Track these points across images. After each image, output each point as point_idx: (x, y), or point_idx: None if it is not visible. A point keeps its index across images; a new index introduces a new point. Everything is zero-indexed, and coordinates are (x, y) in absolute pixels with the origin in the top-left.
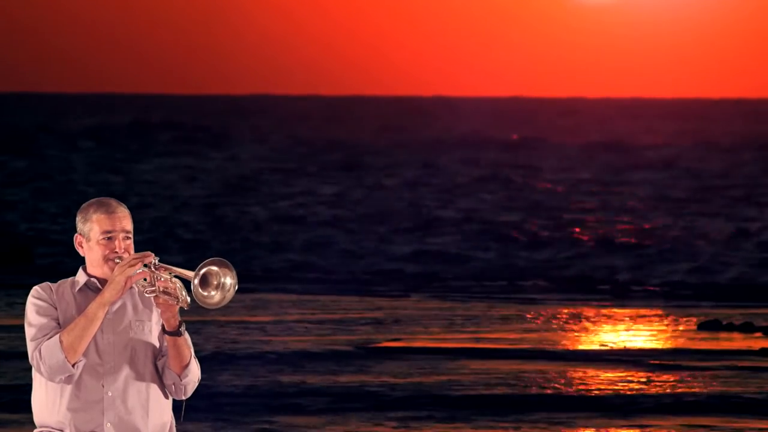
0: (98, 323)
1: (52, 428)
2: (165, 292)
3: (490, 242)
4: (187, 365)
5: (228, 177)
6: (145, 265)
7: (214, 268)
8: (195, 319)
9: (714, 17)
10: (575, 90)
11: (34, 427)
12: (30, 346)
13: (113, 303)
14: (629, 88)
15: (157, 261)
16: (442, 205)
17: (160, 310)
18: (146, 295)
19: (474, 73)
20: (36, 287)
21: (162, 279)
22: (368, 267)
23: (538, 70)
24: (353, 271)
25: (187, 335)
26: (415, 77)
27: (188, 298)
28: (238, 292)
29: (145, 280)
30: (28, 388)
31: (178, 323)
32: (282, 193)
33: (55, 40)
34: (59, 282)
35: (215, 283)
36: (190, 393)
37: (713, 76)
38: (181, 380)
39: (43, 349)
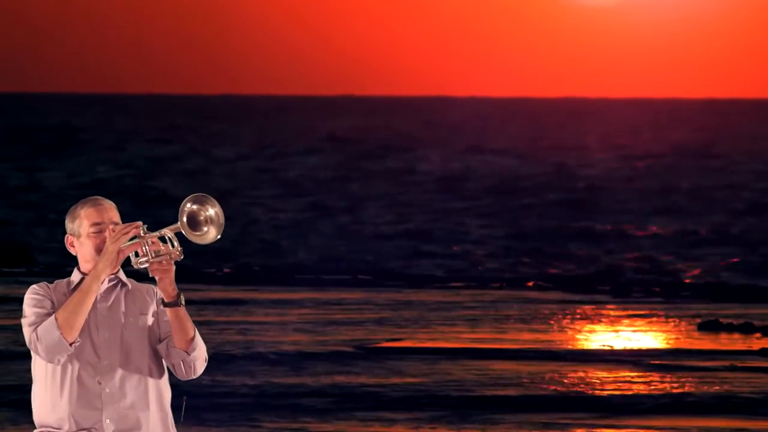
0: (92, 297)
1: (52, 427)
2: (157, 255)
3: (488, 242)
4: (193, 339)
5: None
6: (134, 237)
7: (195, 206)
8: (195, 320)
9: (714, 18)
10: (576, 91)
11: (34, 427)
12: (27, 332)
13: (107, 300)
14: (630, 88)
15: (145, 228)
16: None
17: (157, 279)
18: (140, 266)
19: (476, 74)
20: (32, 286)
21: (151, 243)
22: (368, 267)
23: (541, 70)
24: (353, 271)
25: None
26: (419, 77)
27: (179, 249)
28: (238, 292)
29: (136, 255)
30: (28, 388)
31: (176, 294)
32: (281, 192)
33: (56, 38)
34: (55, 282)
35: (202, 219)
36: (200, 371)
37: (714, 76)
38: (189, 355)
39: (39, 330)
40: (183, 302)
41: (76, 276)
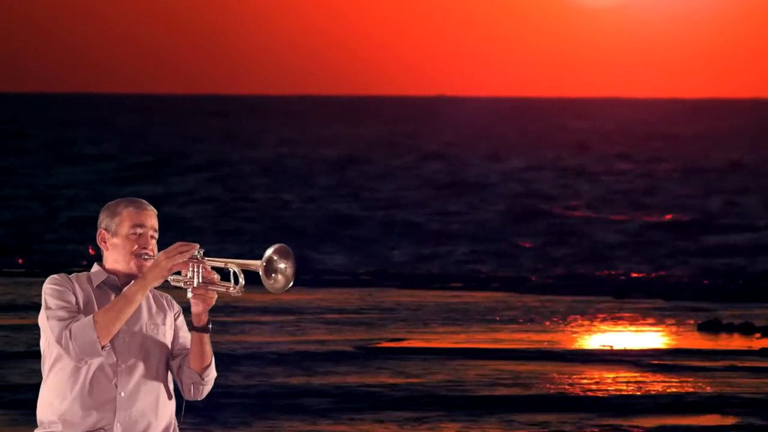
0: (135, 306)
1: (58, 426)
2: (207, 282)
3: (490, 242)
4: (209, 365)
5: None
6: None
7: (275, 256)
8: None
9: (715, 18)
10: (581, 90)
11: (34, 427)
12: (57, 327)
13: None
14: (633, 88)
15: (202, 252)
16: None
17: (193, 303)
18: (179, 285)
19: (482, 73)
20: (53, 276)
21: (204, 270)
22: (368, 266)
23: (546, 70)
24: (353, 271)
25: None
26: (425, 77)
27: (242, 287)
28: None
29: (179, 273)
30: (28, 387)
31: (207, 319)
32: (281, 190)
33: (59, 38)
34: (74, 274)
35: (275, 267)
36: (205, 395)
37: (713, 76)
38: (202, 379)
39: (74, 328)
40: (210, 329)
41: (99, 273)
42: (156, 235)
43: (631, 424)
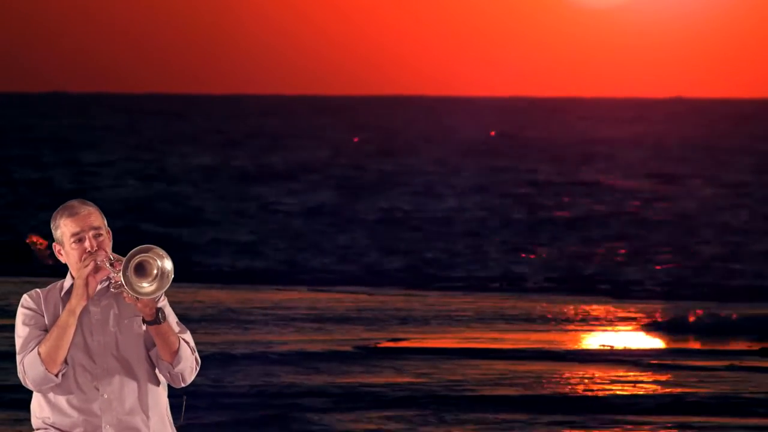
0: (71, 331)
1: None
2: (119, 285)
3: (490, 241)
4: (177, 351)
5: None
6: (111, 264)
7: (144, 254)
8: (195, 320)
9: (715, 18)
10: (577, 90)
11: (33, 428)
12: (17, 359)
13: (100, 303)
14: (633, 88)
15: (111, 256)
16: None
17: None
18: (112, 290)
19: (483, 73)
20: (25, 295)
21: (116, 273)
22: (368, 266)
23: (547, 70)
24: (353, 271)
25: (172, 320)
26: (427, 77)
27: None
28: (240, 291)
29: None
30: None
31: (155, 312)
32: (282, 190)
33: (61, 37)
34: (49, 287)
35: (155, 272)
36: (189, 379)
37: (713, 76)
38: (173, 368)
39: (25, 363)
40: (162, 319)
41: (68, 281)
42: (100, 231)
43: (631, 424)
